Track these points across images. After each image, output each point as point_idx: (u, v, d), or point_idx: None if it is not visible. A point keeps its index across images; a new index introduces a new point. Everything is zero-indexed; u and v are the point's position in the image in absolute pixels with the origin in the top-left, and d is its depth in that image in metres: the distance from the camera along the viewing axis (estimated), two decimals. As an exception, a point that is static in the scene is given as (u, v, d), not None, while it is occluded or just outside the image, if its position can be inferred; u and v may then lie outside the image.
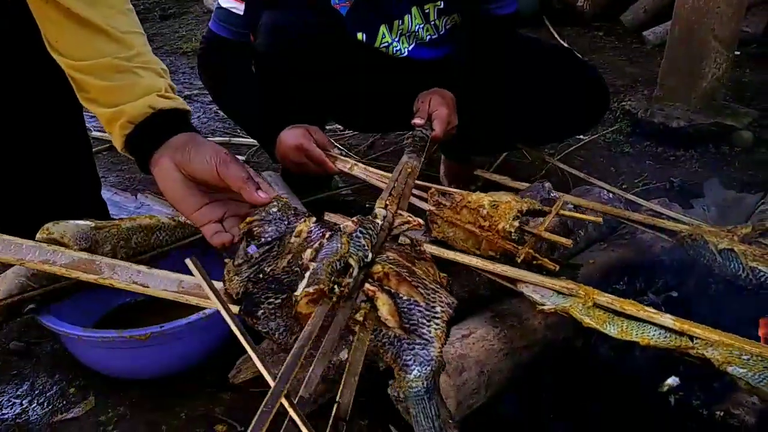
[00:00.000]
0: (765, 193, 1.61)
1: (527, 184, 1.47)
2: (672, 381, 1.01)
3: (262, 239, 0.89)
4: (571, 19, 3.63)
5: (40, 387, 1.14)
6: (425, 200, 1.16)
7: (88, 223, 1.06)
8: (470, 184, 1.79)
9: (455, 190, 1.15)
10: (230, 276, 0.84)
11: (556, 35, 3.42)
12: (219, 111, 2.43)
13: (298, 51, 1.44)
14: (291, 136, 1.39)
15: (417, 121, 1.41)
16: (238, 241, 0.92)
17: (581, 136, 2.21)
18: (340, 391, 0.67)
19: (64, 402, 1.10)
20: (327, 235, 0.85)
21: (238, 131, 2.31)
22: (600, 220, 1.14)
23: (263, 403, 0.60)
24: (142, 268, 0.85)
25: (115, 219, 1.17)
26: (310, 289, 0.74)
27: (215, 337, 1.12)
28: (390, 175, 1.27)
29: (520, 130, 1.65)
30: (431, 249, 1.07)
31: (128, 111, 0.96)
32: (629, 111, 2.29)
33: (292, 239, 0.87)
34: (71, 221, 1.04)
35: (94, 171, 1.44)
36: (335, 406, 0.65)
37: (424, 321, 0.78)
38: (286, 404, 0.62)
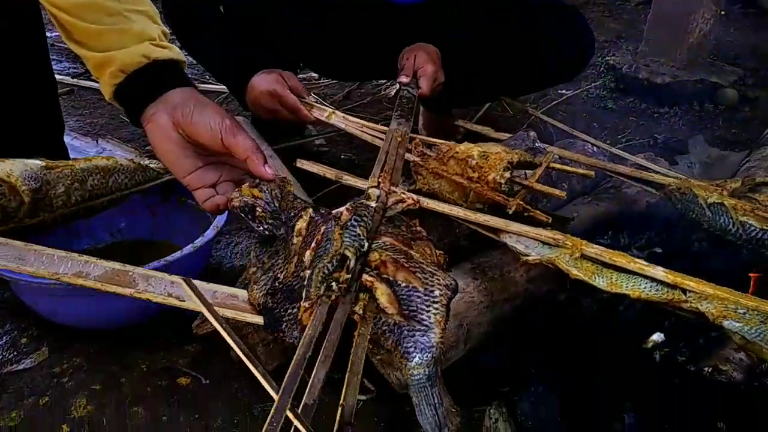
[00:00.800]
0: (750, 152, 1.57)
1: (510, 135, 1.42)
2: (657, 337, 0.98)
3: (262, 227, 0.87)
4: (555, -28, 3.53)
5: (-11, 337, 1.07)
6: (409, 151, 1.09)
7: (37, 162, 0.97)
8: (450, 136, 1.72)
9: (441, 141, 1.09)
10: (251, 286, 0.81)
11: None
12: (189, 57, 2.32)
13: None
14: (263, 82, 1.30)
15: (403, 79, 1.33)
16: (239, 205, 0.86)
17: (564, 91, 2.15)
18: (343, 392, 0.64)
19: (15, 353, 1.03)
20: (321, 231, 0.81)
21: (207, 77, 2.20)
22: (592, 174, 1.09)
23: (268, 421, 0.58)
24: (176, 278, 0.80)
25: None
26: (306, 304, 0.73)
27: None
28: (372, 125, 1.20)
29: (504, 79, 1.58)
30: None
31: (120, 59, 0.89)
32: (613, 66, 2.24)
33: (295, 240, 0.84)
34: (18, 159, 0.95)
35: (58, 113, 1.34)
36: (339, 409, 0.62)
37: (424, 307, 0.76)
38: (291, 416, 0.60)
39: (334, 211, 0.85)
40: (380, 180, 0.95)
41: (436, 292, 0.76)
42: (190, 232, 1.09)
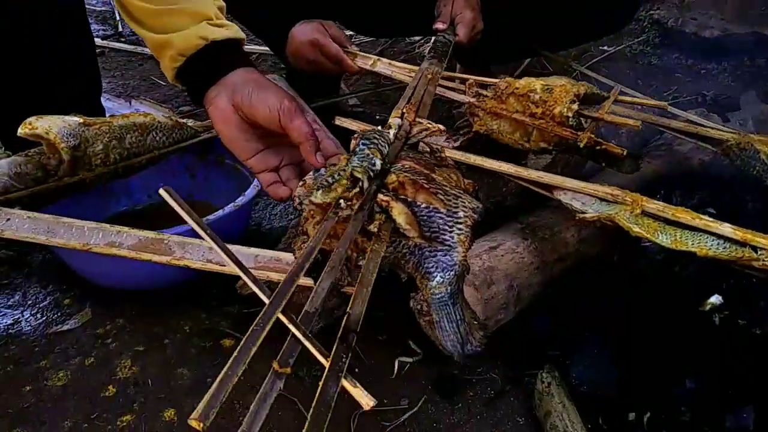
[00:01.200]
0: (808, 107, 1.49)
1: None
2: (715, 299, 0.93)
3: None
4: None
5: (33, 297, 1.07)
6: (463, 93, 1.05)
7: (75, 119, 0.95)
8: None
9: (497, 79, 1.04)
10: (300, 245, 0.79)
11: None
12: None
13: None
14: (304, 32, 1.27)
15: (439, 25, 1.29)
16: (300, 209, 0.82)
17: (605, 47, 2.06)
18: (351, 302, 0.63)
19: (59, 313, 1.03)
20: None
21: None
22: (665, 104, 1.10)
23: (255, 322, 0.56)
24: (212, 243, 0.77)
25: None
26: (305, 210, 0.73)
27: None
28: (417, 68, 1.16)
29: (546, 29, 1.51)
30: (454, 155, 0.98)
31: (178, 43, 0.88)
32: (658, 20, 2.14)
33: None
34: (57, 116, 0.93)
35: (96, 73, 1.32)
36: (345, 317, 0.61)
37: (446, 228, 0.74)
38: (285, 320, 0.58)
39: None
40: (404, 111, 0.92)
41: (460, 214, 0.75)
42: (229, 192, 1.07)
